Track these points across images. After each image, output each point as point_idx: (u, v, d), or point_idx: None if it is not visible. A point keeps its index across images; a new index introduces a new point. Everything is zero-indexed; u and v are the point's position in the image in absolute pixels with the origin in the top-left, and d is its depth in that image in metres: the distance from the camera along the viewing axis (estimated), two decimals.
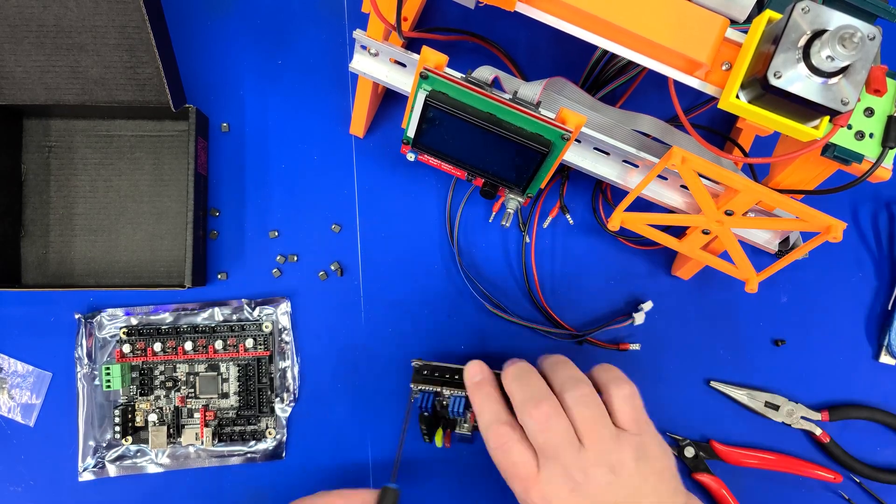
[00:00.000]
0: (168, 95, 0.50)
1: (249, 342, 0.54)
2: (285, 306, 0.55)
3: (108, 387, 0.52)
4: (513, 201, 0.47)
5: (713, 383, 0.56)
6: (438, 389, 0.49)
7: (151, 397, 0.54)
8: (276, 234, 0.56)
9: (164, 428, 0.53)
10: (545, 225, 0.56)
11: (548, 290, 0.56)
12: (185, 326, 0.54)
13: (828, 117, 0.37)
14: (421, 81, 0.41)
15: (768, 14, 0.36)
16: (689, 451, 0.55)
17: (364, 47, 0.45)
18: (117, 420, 0.53)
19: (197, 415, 0.54)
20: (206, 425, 0.53)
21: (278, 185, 0.56)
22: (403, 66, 0.46)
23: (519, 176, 0.45)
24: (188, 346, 0.53)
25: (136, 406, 0.54)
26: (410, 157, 0.48)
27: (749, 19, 0.39)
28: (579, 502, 0.42)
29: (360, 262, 0.56)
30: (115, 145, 0.55)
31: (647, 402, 0.56)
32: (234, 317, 0.55)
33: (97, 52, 0.50)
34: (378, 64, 0.47)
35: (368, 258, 0.56)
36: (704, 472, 0.55)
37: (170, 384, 0.54)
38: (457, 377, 0.50)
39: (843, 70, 0.34)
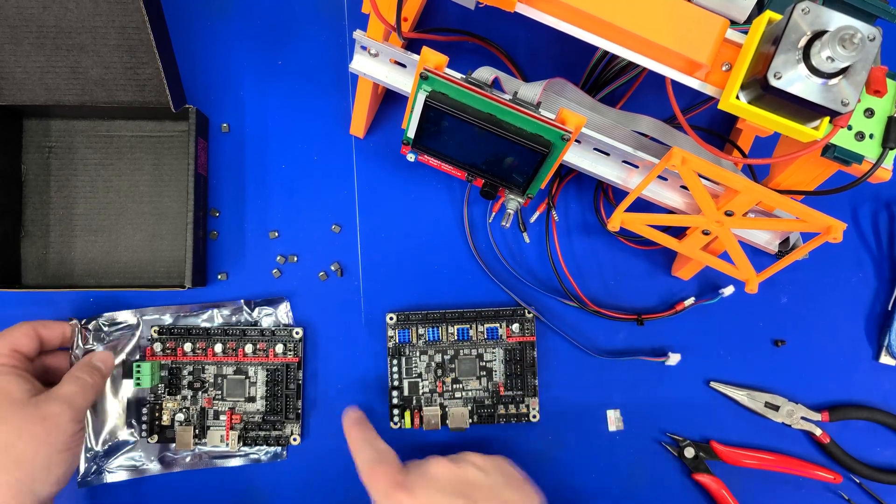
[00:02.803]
0: (168, 96, 0.50)
1: (279, 348, 0.54)
2: (285, 307, 0.55)
3: (139, 384, 0.52)
4: (513, 202, 0.47)
5: (713, 383, 0.56)
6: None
7: (178, 397, 0.54)
8: (276, 234, 0.56)
9: (191, 429, 0.53)
10: (532, 220, 0.57)
11: (548, 288, 0.56)
12: (215, 329, 0.54)
13: (828, 118, 0.37)
14: (421, 82, 0.41)
15: (768, 15, 0.36)
16: (689, 452, 0.56)
17: (364, 48, 0.45)
18: (145, 418, 0.53)
19: (223, 417, 0.54)
20: (233, 428, 0.53)
21: (278, 185, 0.56)
22: (403, 66, 0.46)
23: (519, 176, 0.45)
24: (218, 348, 0.54)
25: (164, 405, 0.54)
26: (410, 157, 0.48)
27: (749, 20, 0.39)
28: None
29: (360, 262, 0.56)
30: (115, 145, 0.55)
31: (647, 402, 0.56)
32: (234, 318, 0.55)
33: (97, 52, 0.50)
34: (378, 64, 0.47)
35: (368, 258, 0.56)
36: (704, 473, 0.55)
37: (197, 385, 0.54)
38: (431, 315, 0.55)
39: (843, 71, 0.34)
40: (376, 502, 0.46)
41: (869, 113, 0.39)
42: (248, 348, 0.54)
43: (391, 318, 0.54)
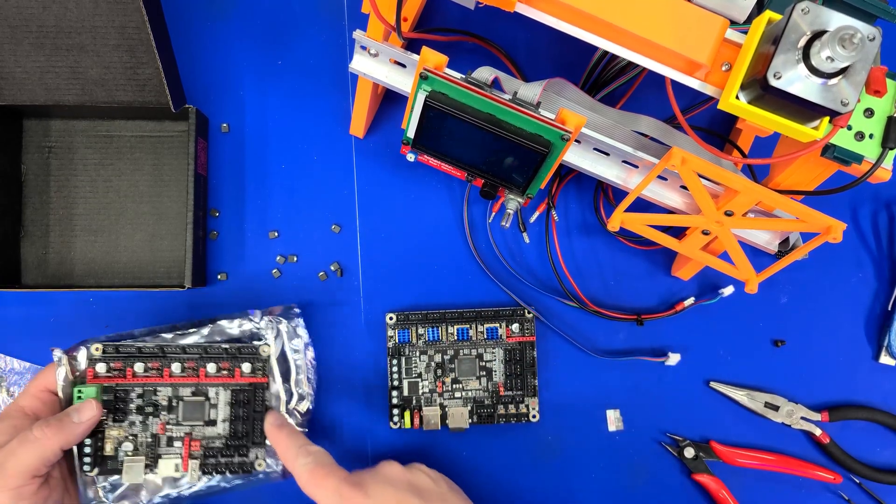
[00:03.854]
0: (168, 96, 0.50)
1: (246, 367, 0.49)
2: (296, 317, 0.53)
3: None
4: (513, 202, 0.47)
5: (713, 383, 0.56)
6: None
7: (125, 423, 0.48)
8: (276, 234, 0.56)
9: (142, 459, 0.48)
10: (532, 220, 0.57)
11: (548, 288, 0.56)
12: (172, 347, 0.49)
13: (827, 118, 0.37)
14: (421, 82, 0.41)
15: (768, 15, 0.36)
16: (689, 452, 0.56)
17: (364, 48, 0.45)
18: (87, 450, 0.47)
19: (178, 444, 0.49)
20: (192, 456, 0.48)
21: (278, 185, 0.56)
22: (403, 66, 0.46)
23: (519, 176, 0.45)
24: (175, 367, 0.49)
25: (107, 433, 0.48)
26: (410, 157, 0.48)
27: (749, 20, 0.39)
28: None
29: (359, 262, 0.56)
30: (115, 145, 0.55)
31: (647, 403, 0.56)
32: (239, 328, 0.51)
33: (97, 52, 0.50)
34: (378, 64, 0.47)
35: (368, 258, 0.56)
36: (704, 473, 0.55)
37: (149, 409, 0.48)
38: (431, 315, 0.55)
39: (842, 71, 0.34)
40: None
41: (869, 113, 0.39)
42: (211, 367, 0.49)
43: (391, 318, 0.54)
